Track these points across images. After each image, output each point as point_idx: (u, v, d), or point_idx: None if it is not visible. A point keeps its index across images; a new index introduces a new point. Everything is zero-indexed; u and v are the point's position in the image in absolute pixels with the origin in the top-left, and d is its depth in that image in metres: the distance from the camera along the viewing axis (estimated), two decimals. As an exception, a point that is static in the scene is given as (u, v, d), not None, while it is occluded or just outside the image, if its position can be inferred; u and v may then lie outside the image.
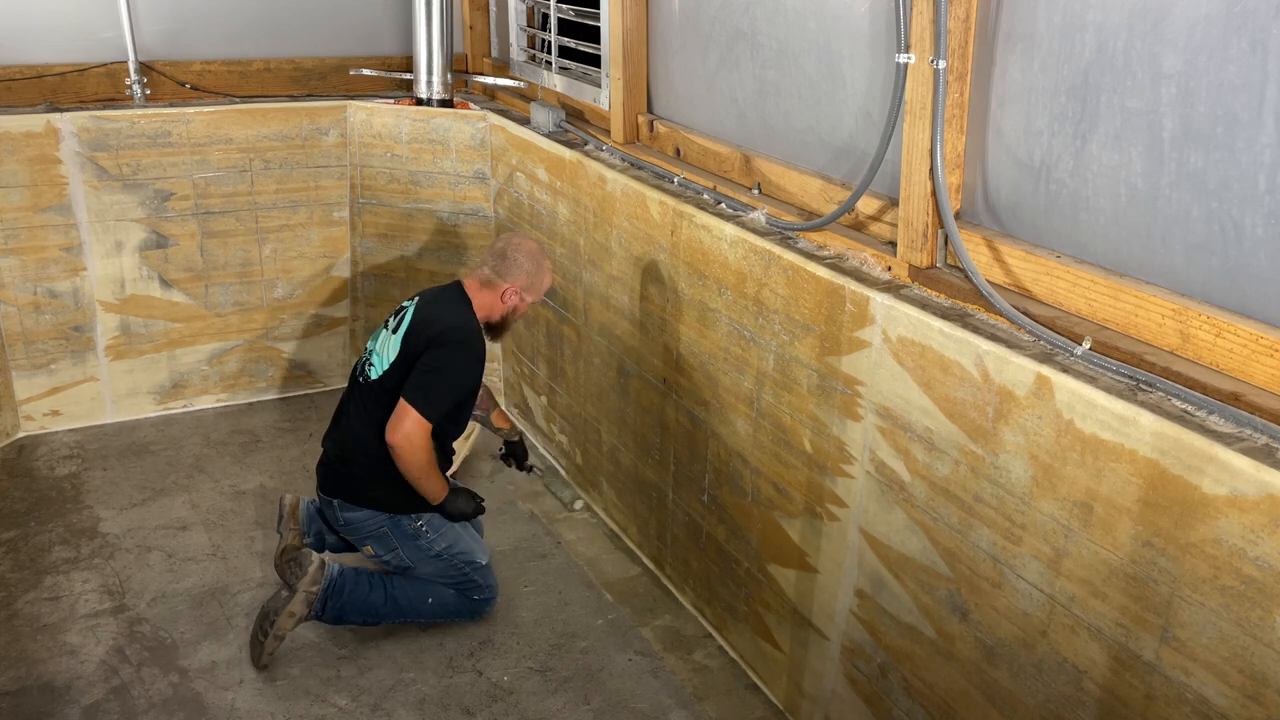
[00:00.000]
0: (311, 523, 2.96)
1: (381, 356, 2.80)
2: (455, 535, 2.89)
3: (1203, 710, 1.60)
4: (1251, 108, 1.59)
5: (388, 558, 2.87)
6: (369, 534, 2.84)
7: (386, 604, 2.84)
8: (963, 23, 1.98)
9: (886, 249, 2.28)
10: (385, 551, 2.86)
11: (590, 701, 2.71)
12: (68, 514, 3.44)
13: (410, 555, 2.85)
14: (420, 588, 2.87)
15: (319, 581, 2.75)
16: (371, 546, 2.87)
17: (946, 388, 1.99)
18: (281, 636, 2.73)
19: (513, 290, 2.83)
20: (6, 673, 2.73)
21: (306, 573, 2.73)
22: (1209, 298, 1.72)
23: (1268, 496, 1.47)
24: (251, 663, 2.76)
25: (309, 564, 2.75)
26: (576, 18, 3.61)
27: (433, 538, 2.85)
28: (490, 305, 2.85)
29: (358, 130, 4.04)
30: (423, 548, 2.84)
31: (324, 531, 2.97)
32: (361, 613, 2.82)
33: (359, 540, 2.88)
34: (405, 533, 2.83)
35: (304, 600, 2.72)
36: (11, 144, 3.60)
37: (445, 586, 2.90)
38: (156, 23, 3.97)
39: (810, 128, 2.57)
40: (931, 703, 2.16)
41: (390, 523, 2.82)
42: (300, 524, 2.92)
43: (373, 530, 2.83)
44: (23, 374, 3.86)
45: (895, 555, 2.19)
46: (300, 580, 2.73)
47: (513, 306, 2.87)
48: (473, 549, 2.92)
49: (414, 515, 2.83)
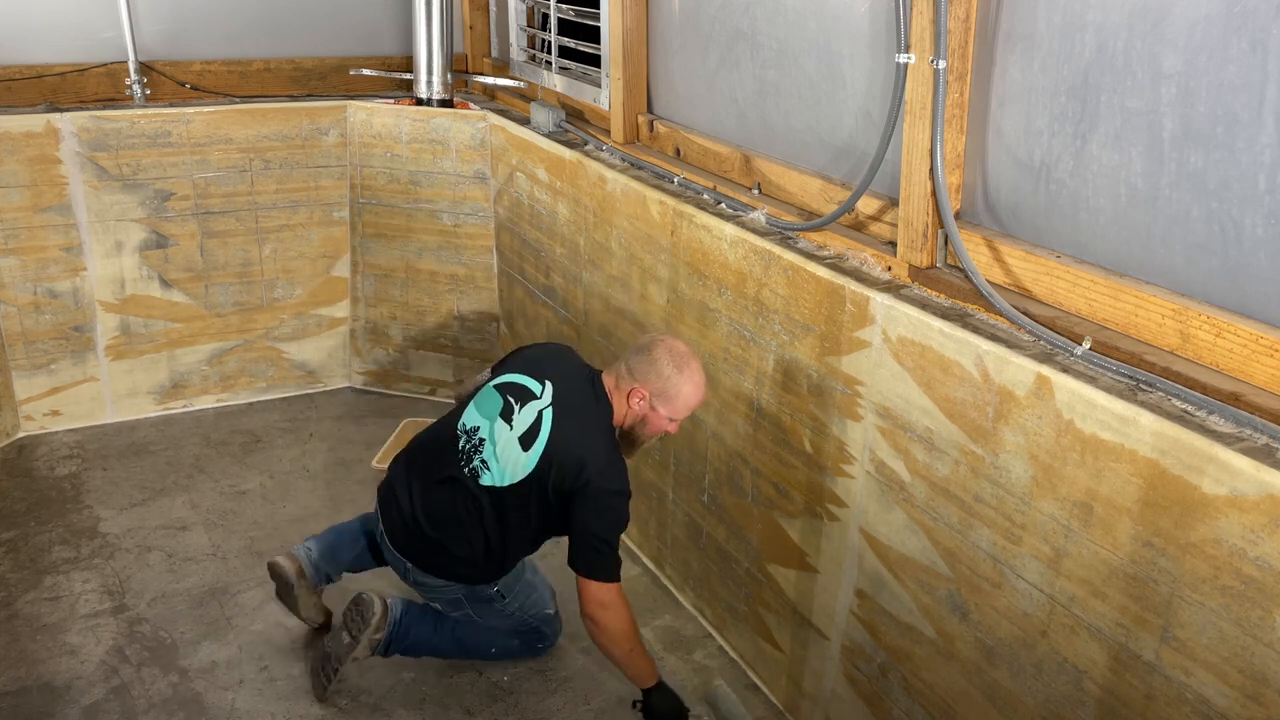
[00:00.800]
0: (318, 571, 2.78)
1: (501, 465, 2.43)
2: (528, 591, 2.68)
3: (1203, 710, 1.60)
4: (1251, 108, 1.59)
5: (456, 615, 2.68)
6: (439, 597, 2.64)
7: (451, 644, 2.70)
8: (963, 23, 1.98)
9: (886, 249, 2.28)
10: (454, 610, 2.67)
11: (590, 701, 2.71)
12: (68, 514, 3.44)
13: (480, 614, 2.67)
14: (487, 635, 2.71)
15: (383, 629, 2.59)
16: (440, 605, 2.67)
17: (946, 388, 1.99)
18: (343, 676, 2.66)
19: (639, 395, 2.41)
20: (6, 673, 2.73)
21: (370, 622, 2.57)
22: (1209, 298, 1.72)
23: (1268, 496, 1.47)
24: (315, 695, 2.68)
25: (372, 613, 2.57)
26: (576, 18, 3.61)
27: (508, 601, 2.65)
28: (623, 410, 2.46)
29: (358, 130, 4.04)
30: (497, 611, 2.66)
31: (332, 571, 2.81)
32: (424, 651, 2.71)
33: (428, 597, 2.67)
34: (480, 598, 2.61)
35: (368, 646, 2.59)
36: (11, 144, 3.60)
37: (510, 638, 2.75)
38: (156, 23, 3.97)
39: (810, 128, 2.57)
40: (931, 703, 2.16)
41: (466, 591, 2.60)
42: (309, 580, 2.74)
43: (446, 596, 2.62)
44: (23, 374, 3.86)
45: (895, 555, 2.19)
46: (364, 631, 2.57)
47: (641, 415, 2.44)
48: (543, 602, 2.74)
49: (492, 583, 2.59)
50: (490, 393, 2.53)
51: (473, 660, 2.79)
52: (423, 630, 2.68)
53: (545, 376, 2.50)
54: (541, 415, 2.43)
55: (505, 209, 3.91)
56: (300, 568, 2.74)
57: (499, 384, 2.54)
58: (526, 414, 2.44)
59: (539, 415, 2.43)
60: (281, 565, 2.73)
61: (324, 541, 2.83)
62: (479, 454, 2.47)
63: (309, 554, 2.78)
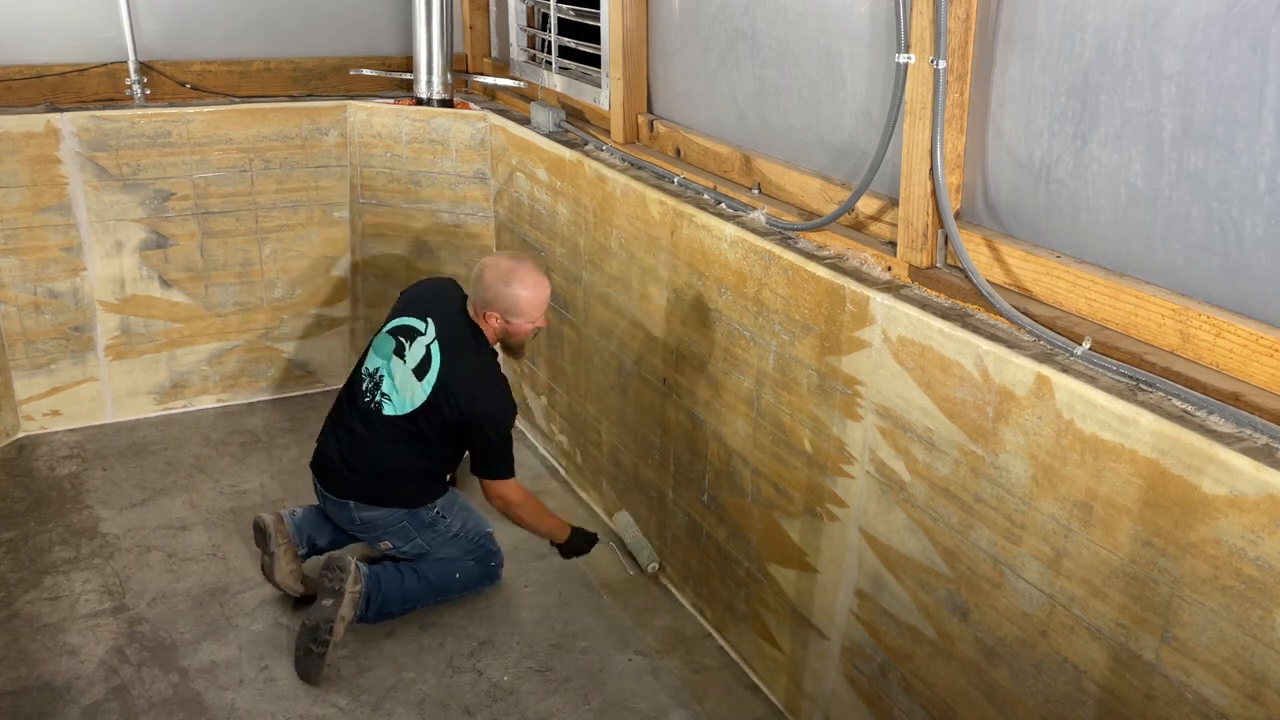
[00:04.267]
0: (300, 532, 2.97)
1: (401, 396, 2.78)
2: (467, 512, 2.98)
3: (1203, 710, 1.60)
4: (1251, 108, 1.59)
5: (406, 548, 2.92)
6: (387, 530, 2.88)
7: (421, 584, 2.89)
8: (963, 23, 1.98)
9: (886, 249, 2.28)
10: (404, 543, 2.91)
11: (590, 701, 2.71)
12: (68, 514, 3.44)
13: (429, 541, 2.91)
14: (446, 565, 2.95)
15: (360, 580, 2.76)
16: (390, 541, 2.91)
17: (946, 388, 1.99)
18: (339, 643, 2.74)
19: (492, 316, 2.78)
20: (6, 673, 2.73)
21: (349, 572, 2.74)
22: (1209, 298, 1.72)
23: (1268, 496, 1.47)
24: (306, 680, 2.71)
25: (347, 568, 2.74)
26: (576, 18, 3.61)
27: (449, 521, 2.92)
28: (488, 331, 2.83)
29: (358, 130, 4.04)
30: (441, 532, 2.92)
31: (315, 537, 3.00)
32: (400, 600, 2.87)
33: (375, 537, 2.91)
34: (424, 522, 2.89)
35: (351, 602, 2.74)
36: (11, 144, 3.60)
37: (466, 561, 2.97)
38: (156, 23, 3.97)
39: (810, 128, 2.57)
40: (931, 703, 2.16)
41: (410, 516, 2.87)
42: (289, 538, 2.92)
43: (392, 525, 2.87)
44: (23, 374, 3.86)
45: (895, 555, 2.19)
46: (344, 582, 2.73)
47: (503, 330, 2.81)
48: (482, 521, 3.02)
49: (430, 505, 2.88)
50: (384, 337, 2.88)
51: (444, 599, 2.97)
52: (392, 578, 2.86)
53: (428, 314, 2.84)
54: (429, 349, 2.78)
55: (505, 209, 3.91)
56: (280, 519, 2.94)
57: (390, 329, 2.88)
58: (417, 349, 2.79)
59: (427, 349, 2.78)
60: (263, 517, 2.94)
61: (309, 509, 3.04)
62: (380, 389, 2.82)
63: (292, 515, 2.99)
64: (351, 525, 2.91)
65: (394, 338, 2.85)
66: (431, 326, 2.82)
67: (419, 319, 2.85)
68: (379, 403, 2.81)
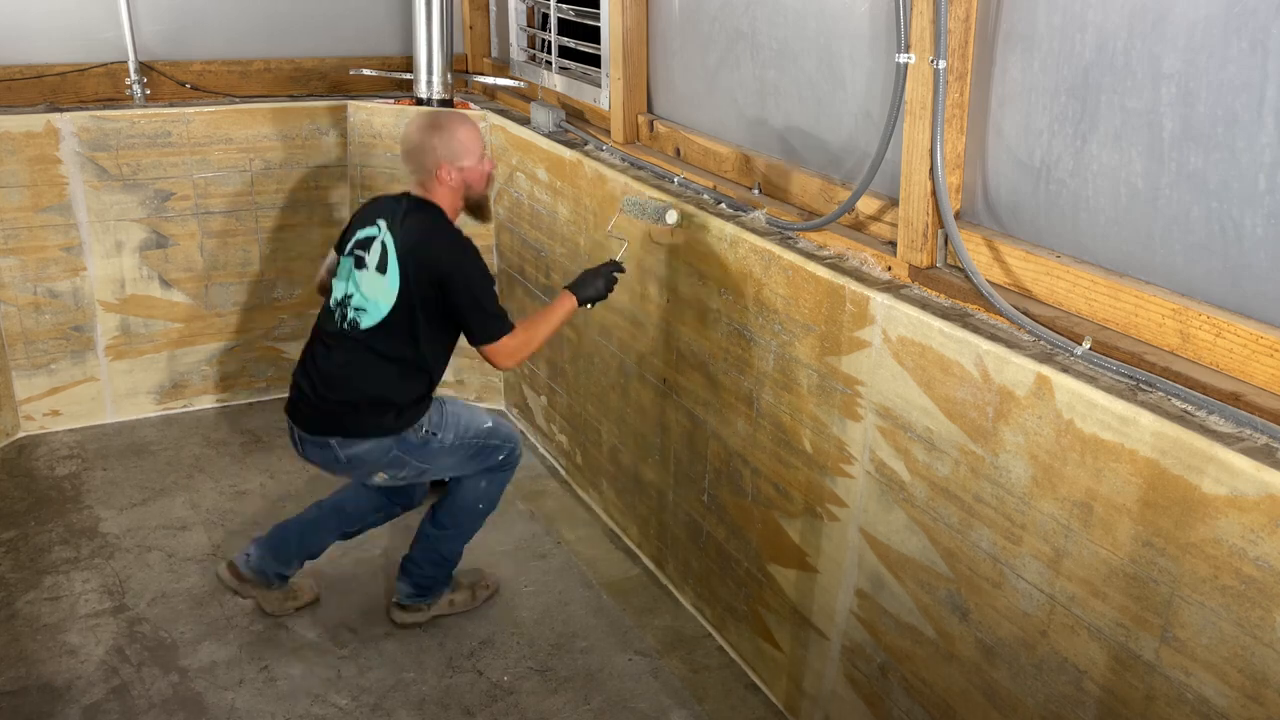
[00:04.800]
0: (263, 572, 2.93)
1: (373, 300, 2.63)
2: (456, 418, 2.80)
3: (1203, 710, 1.60)
4: (1251, 108, 1.59)
5: (403, 474, 2.78)
6: (378, 463, 2.73)
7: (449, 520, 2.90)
8: (963, 23, 1.98)
9: (886, 249, 2.28)
10: (400, 471, 2.76)
11: (590, 701, 2.71)
12: (68, 514, 3.44)
13: (425, 460, 2.76)
14: (461, 494, 2.88)
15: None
16: (384, 473, 2.77)
17: (946, 388, 1.99)
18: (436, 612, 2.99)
19: (444, 172, 2.63)
20: (6, 673, 2.73)
21: None
22: (1209, 298, 1.72)
23: (1268, 496, 1.47)
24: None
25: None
26: (576, 18, 3.61)
27: (441, 435, 2.76)
28: (447, 198, 2.68)
29: (358, 130, 4.04)
30: (434, 448, 2.75)
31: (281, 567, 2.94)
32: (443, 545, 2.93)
33: (367, 473, 2.77)
34: (414, 444, 2.72)
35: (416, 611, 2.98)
36: (11, 144, 3.60)
37: (472, 478, 2.86)
38: (156, 23, 3.97)
39: (810, 128, 2.57)
40: (931, 703, 2.16)
41: (399, 444, 2.70)
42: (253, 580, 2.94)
43: (381, 457, 2.71)
44: (23, 374, 3.86)
45: (895, 555, 2.19)
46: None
47: (460, 182, 2.67)
48: (477, 418, 2.85)
49: (416, 425, 2.71)
50: (343, 262, 2.76)
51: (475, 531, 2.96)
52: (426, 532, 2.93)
53: (377, 218, 2.71)
54: (384, 243, 2.66)
55: (505, 209, 3.91)
56: (233, 568, 2.95)
57: (345, 253, 2.76)
58: (374, 251, 2.67)
59: (383, 245, 2.66)
60: (219, 574, 2.99)
61: (265, 544, 2.94)
62: (353, 307, 2.67)
63: (247, 560, 2.94)
64: (337, 465, 2.73)
65: (351, 256, 2.73)
66: (382, 222, 2.69)
67: (369, 226, 2.72)
68: (355, 320, 2.65)
